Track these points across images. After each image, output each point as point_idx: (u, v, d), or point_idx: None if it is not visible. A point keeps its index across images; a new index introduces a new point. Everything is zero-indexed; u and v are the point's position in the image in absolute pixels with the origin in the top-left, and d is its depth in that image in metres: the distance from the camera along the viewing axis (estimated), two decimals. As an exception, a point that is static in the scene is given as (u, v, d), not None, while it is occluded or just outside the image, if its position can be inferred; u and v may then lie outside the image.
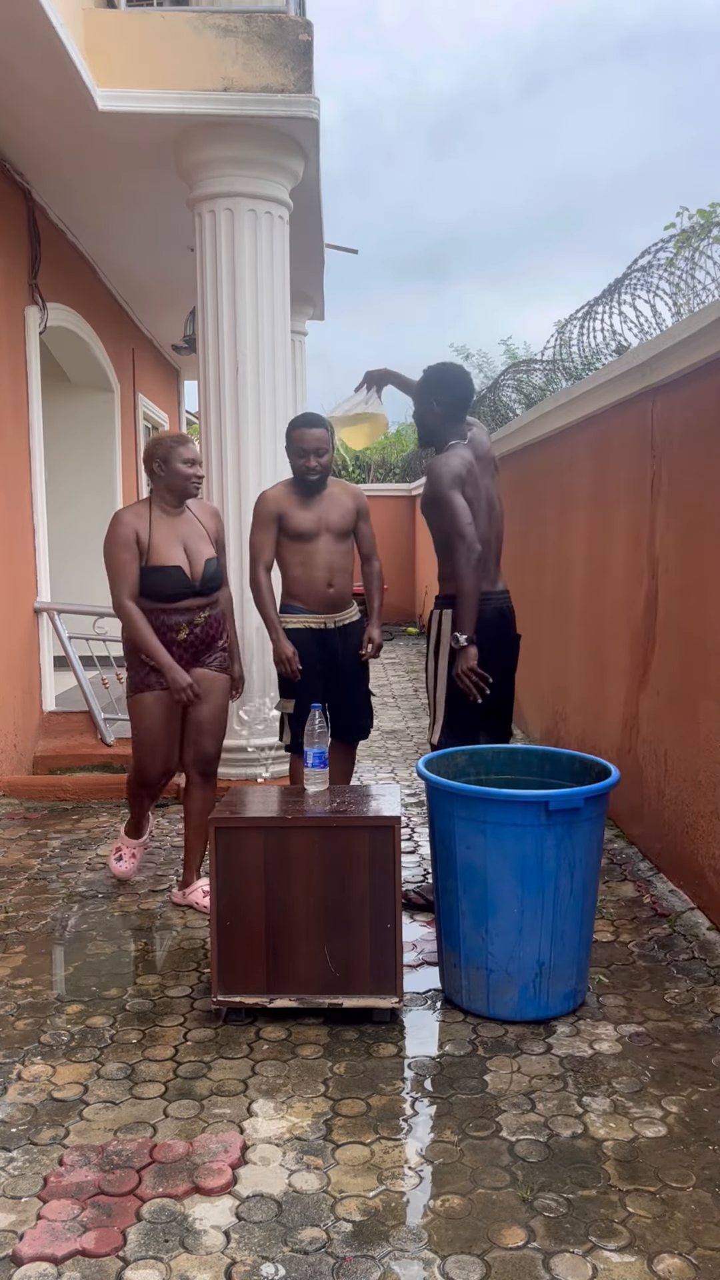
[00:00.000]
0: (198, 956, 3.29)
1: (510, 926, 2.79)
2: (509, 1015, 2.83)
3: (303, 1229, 2.00)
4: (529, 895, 2.77)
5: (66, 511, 8.14)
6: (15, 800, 5.19)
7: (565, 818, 2.76)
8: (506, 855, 2.76)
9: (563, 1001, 2.85)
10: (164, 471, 3.52)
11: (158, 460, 3.51)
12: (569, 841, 2.78)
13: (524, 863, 2.76)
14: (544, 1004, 2.83)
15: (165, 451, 3.50)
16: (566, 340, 5.48)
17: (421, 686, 8.93)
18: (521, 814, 2.74)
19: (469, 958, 2.86)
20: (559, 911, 2.80)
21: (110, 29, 4.74)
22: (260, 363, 4.96)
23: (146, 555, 3.46)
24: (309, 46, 4.74)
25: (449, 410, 3.65)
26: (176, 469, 3.51)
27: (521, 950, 2.79)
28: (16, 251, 5.69)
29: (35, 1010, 2.93)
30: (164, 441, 3.54)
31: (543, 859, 2.76)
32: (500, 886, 2.78)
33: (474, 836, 2.80)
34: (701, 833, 3.49)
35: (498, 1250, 1.93)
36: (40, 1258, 1.92)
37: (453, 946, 2.92)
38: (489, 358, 18.03)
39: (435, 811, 2.97)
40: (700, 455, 3.52)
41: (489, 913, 2.81)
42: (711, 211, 6.85)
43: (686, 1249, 1.93)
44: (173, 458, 3.50)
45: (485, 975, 2.83)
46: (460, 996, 2.91)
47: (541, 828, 2.74)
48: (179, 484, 3.53)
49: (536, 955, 2.79)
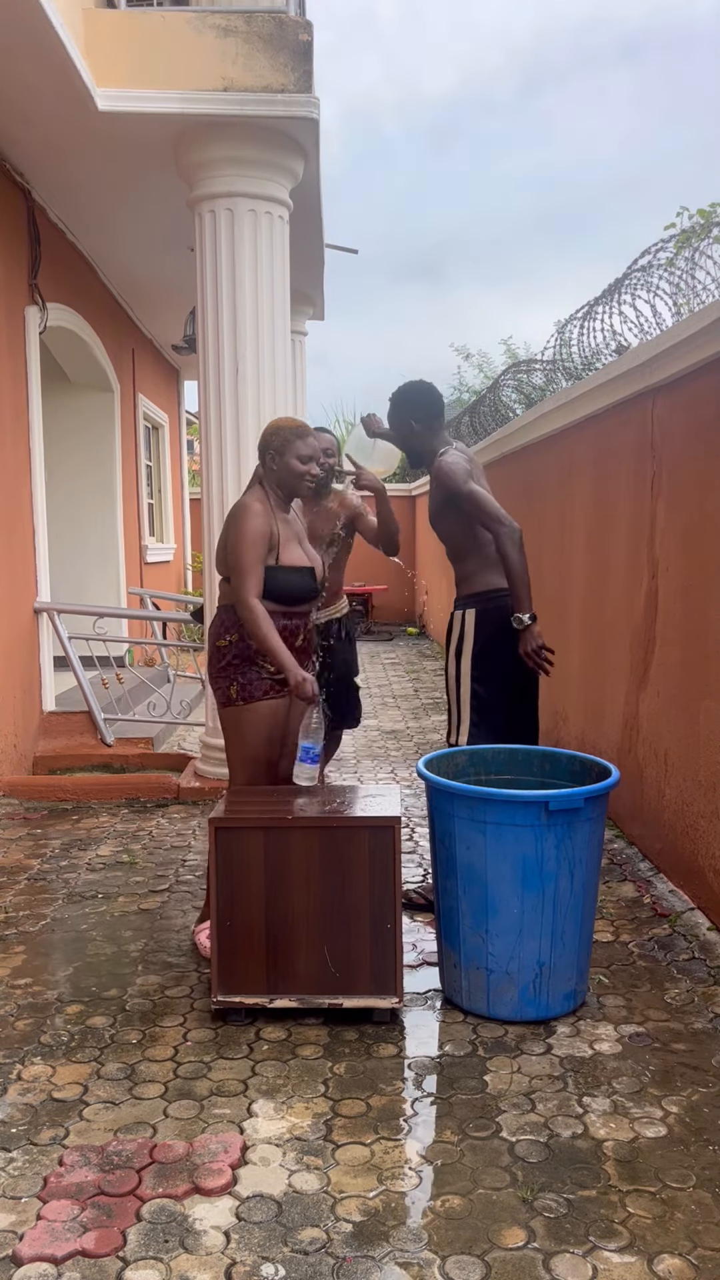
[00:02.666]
0: (198, 956, 3.28)
1: (510, 927, 2.79)
2: (509, 1015, 2.83)
3: (303, 1229, 1.99)
4: (529, 895, 2.77)
5: (66, 512, 8.15)
6: (15, 800, 5.19)
7: (565, 818, 2.75)
8: (507, 855, 2.76)
9: (563, 1002, 2.85)
10: (277, 465, 3.15)
11: (272, 451, 3.15)
12: (569, 842, 2.78)
13: (524, 863, 2.76)
14: (544, 1004, 2.83)
15: (281, 443, 3.13)
16: (566, 340, 5.47)
17: (422, 687, 8.93)
18: (522, 814, 2.74)
19: (469, 958, 2.86)
20: (559, 912, 2.80)
21: (110, 29, 4.74)
22: (260, 363, 4.96)
23: (277, 553, 3.10)
24: (309, 46, 4.74)
25: (426, 424, 3.63)
26: (290, 465, 3.13)
27: (522, 950, 2.79)
28: (16, 251, 5.69)
29: (35, 1010, 2.93)
30: (282, 431, 3.15)
31: (543, 859, 2.76)
32: (500, 887, 2.78)
33: (474, 836, 2.80)
34: (701, 833, 3.49)
35: (498, 1250, 1.93)
36: (40, 1258, 1.92)
37: (453, 947, 2.92)
38: (489, 358, 18.07)
39: (435, 812, 2.97)
40: (700, 455, 3.52)
41: (489, 913, 2.81)
42: (711, 211, 6.84)
43: (687, 1249, 1.93)
44: (288, 452, 3.12)
45: (485, 975, 2.83)
46: (460, 997, 2.91)
47: (542, 828, 2.74)
48: (290, 482, 3.16)
49: (537, 955, 2.79)
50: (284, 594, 3.11)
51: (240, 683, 3.13)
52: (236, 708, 3.14)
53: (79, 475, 8.44)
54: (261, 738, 3.16)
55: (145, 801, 5.18)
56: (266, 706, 3.13)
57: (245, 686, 3.13)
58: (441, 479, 3.50)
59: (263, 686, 3.12)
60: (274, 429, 3.16)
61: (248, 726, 3.15)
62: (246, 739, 3.16)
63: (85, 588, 8.25)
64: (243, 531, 3.06)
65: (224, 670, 3.16)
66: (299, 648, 3.21)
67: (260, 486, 3.19)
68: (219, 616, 3.21)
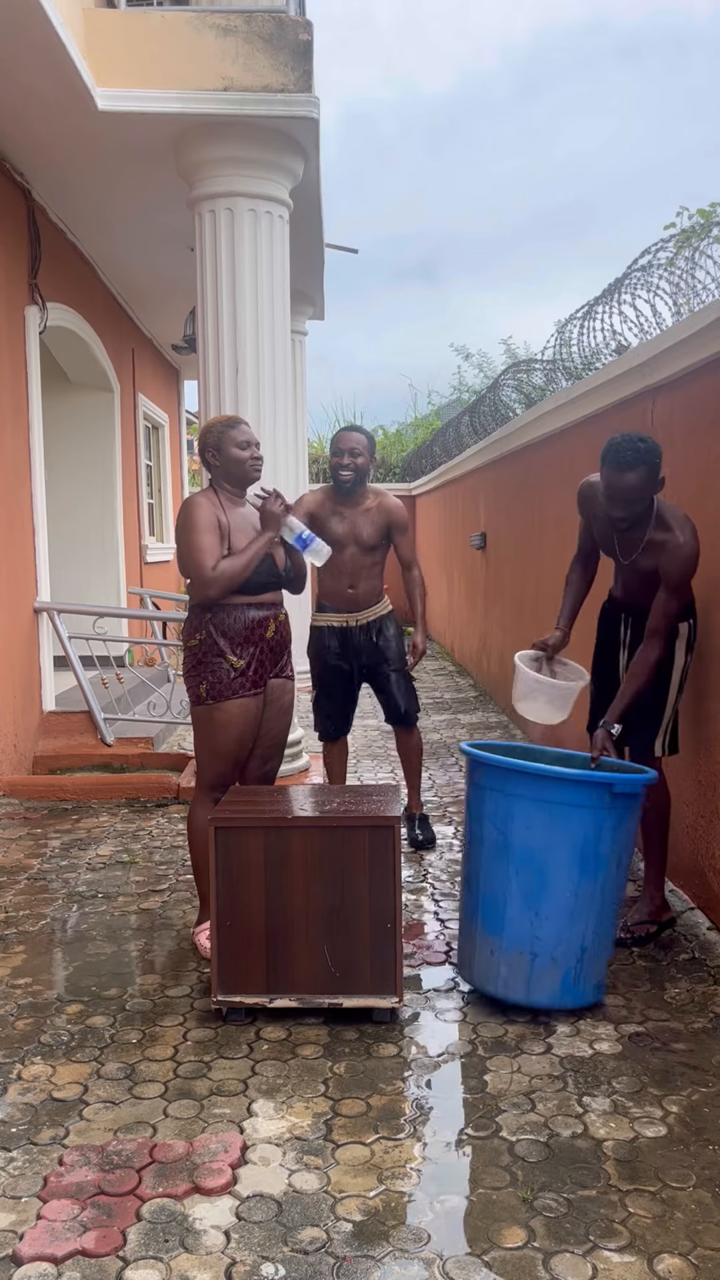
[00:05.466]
0: (197, 956, 3.28)
1: (563, 910, 2.79)
2: (546, 1002, 2.82)
3: (303, 1229, 1.99)
4: (584, 879, 2.78)
5: (66, 511, 8.15)
6: (15, 800, 5.19)
7: (624, 802, 2.79)
8: (569, 836, 2.77)
9: (594, 991, 2.87)
10: (219, 460, 3.24)
11: (210, 449, 3.25)
12: (623, 828, 2.81)
13: (584, 844, 2.77)
14: (582, 992, 2.83)
15: (216, 438, 3.24)
16: (566, 340, 5.48)
17: (421, 686, 8.92)
18: (588, 795, 2.76)
19: (513, 942, 2.83)
20: (606, 898, 2.82)
21: (110, 29, 4.74)
22: (260, 363, 4.96)
23: (228, 543, 3.16)
24: (309, 46, 4.74)
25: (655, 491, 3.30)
26: (232, 455, 3.22)
27: (570, 934, 2.80)
28: (16, 251, 5.69)
29: (35, 1010, 2.93)
30: (214, 428, 3.28)
31: (599, 843, 2.77)
32: (557, 869, 2.78)
33: (536, 815, 2.78)
34: (701, 832, 3.49)
35: (498, 1250, 1.93)
36: (40, 1258, 1.92)
37: (492, 932, 2.88)
38: (489, 358, 18.07)
39: (489, 792, 2.89)
40: (700, 454, 3.52)
41: (542, 895, 2.80)
42: (711, 211, 6.84)
43: (686, 1249, 1.93)
44: (225, 443, 3.23)
45: (530, 960, 2.81)
46: (495, 984, 2.87)
47: (603, 810, 2.76)
48: (238, 470, 3.24)
49: (581, 941, 2.80)
50: (243, 583, 3.16)
51: (210, 681, 3.17)
52: (207, 706, 3.18)
53: (79, 475, 8.44)
54: (231, 736, 3.19)
55: (145, 801, 5.18)
56: (236, 705, 3.17)
57: (215, 685, 3.16)
58: (685, 568, 3.14)
59: (233, 685, 3.16)
60: (206, 428, 3.30)
61: (217, 725, 3.18)
62: (216, 737, 3.20)
63: (85, 587, 8.25)
64: (191, 521, 3.14)
65: (194, 669, 3.20)
66: (271, 641, 3.25)
67: (210, 487, 3.31)
68: (189, 617, 3.26)
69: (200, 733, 3.24)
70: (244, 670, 3.17)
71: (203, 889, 3.30)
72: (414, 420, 19.38)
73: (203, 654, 3.18)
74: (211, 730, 3.19)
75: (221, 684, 3.16)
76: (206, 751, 3.23)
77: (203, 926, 3.34)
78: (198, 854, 3.27)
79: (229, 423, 3.28)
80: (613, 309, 4.62)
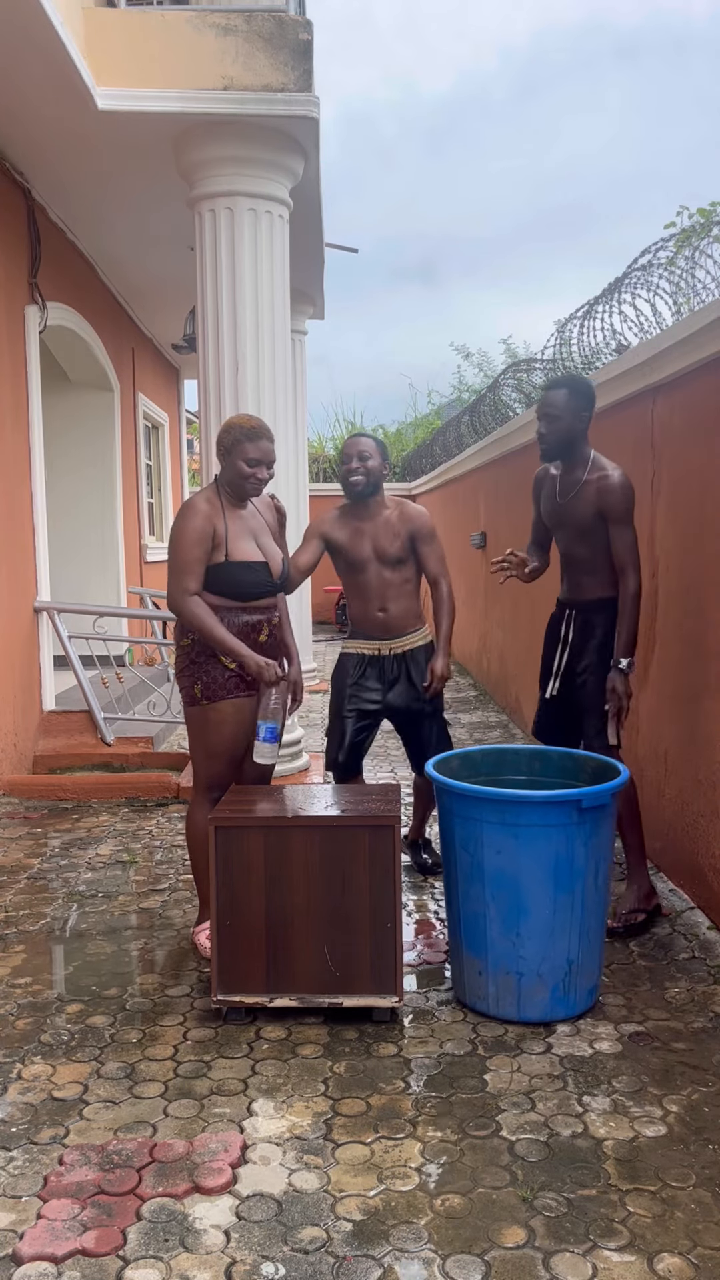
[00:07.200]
0: (197, 956, 3.28)
1: (542, 928, 2.78)
2: (539, 1017, 2.81)
3: (303, 1228, 2.00)
4: (561, 895, 2.77)
5: (66, 511, 8.15)
6: (15, 800, 5.19)
7: (594, 815, 2.77)
8: (540, 857, 2.74)
9: (587, 997, 2.87)
10: (226, 464, 3.16)
11: (222, 449, 3.16)
12: (596, 838, 2.79)
13: (557, 863, 2.75)
14: (573, 1001, 2.83)
15: (230, 444, 3.13)
16: (566, 339, 5.48)
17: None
18: (555, 814, 2.74)
19: (498, 963, 2.82)
20: (587, 908, 2.81)
21: (110, 28, 4.73)
22: (260, 362, 4.96)
23: (225, 549, 3.11)
24: (309, 45, 4.74)
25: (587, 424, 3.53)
26: (238, 467, 3.13)
27: (553, 951, 2.78)
28: (16, 251, 5.69)
29: (35, 1010, 2.93)
30: (234, 431, 3.14)
31: (573, 857, 2.76)
32: (533, 889, 2.76)
33: (505, 841, 2.76)
34: (701, 832, 3.49)
35: (498, 1250, 1.93)
36: (40, 1257, 1.92)
37: (476, 954, 2.86)
38: (489, 357, 18.08)
39: (457, 818, 2.88)
40: (700, 454, 3.52)
41: (520, 916, 2.78)
42: (711, 211, 6.84)
43: (686, 1248, 1.93)
44: (236, 453, 3.13)
45: (516, 979, 2.80)
46: (486, 1003, 2.86)
47: (574, 826, 2.74)
48: (238, 484, 3.16)
49: (567, 954, 2.79)
50: (235, 590, 3.13)
51: (204, 682, 3.15)
52: (200, 707, 3.17)
53: (79, 474, 8.44)
54: (225, 736, 3.18)
55: (145, 801, 5.18)
56: (230, 705, 3.16)
57: (209, 686, 3.15)
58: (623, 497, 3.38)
59: (227, 685, 3.14)
60: (227, 427, 3.18)
61: (211, 725, 3.17)
62: (210, 737, 3.19)
63: (85, 587, 8.25)
64: (180, 531, 3.09)
65: (187, 670, 3.19)
66: (263, 645, 3.22)
67: (214, 484, 3.24)
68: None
69: (195, 733, 3.23)
70: (237, 671, 3.15)
71: (202, 889, 3.30)
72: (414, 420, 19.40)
73: (195, 654, 3.17)
74: (206, 730, 3.19)
75: (215, 684, 3.14)
76: (202, 752, 3.23)
77: (202, 926, 3.34)
78: (197, 854, 3.27)
79: (249, 434, 3.13)
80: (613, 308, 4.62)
